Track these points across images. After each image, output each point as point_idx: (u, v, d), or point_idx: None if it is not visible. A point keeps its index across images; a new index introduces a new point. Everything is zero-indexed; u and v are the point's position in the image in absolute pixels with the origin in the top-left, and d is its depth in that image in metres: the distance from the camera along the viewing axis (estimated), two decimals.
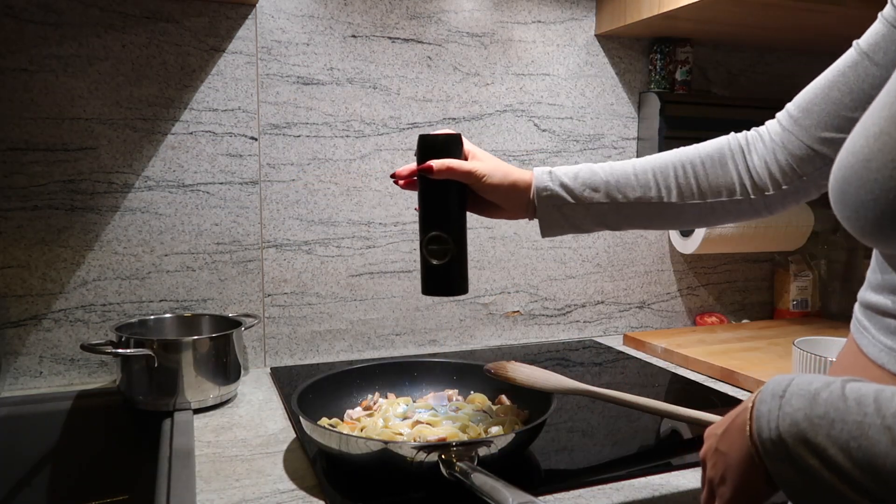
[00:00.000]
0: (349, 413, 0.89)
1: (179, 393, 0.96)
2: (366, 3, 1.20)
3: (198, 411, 0.98)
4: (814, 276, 1.56)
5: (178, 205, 1.12)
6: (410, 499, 0.72)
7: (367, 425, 0.83)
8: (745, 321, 1.56)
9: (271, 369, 1.18)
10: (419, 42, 1.24)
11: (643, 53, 1.41)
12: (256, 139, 1.16)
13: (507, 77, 1.31)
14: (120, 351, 0.95)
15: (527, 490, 0.59)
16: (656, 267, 1.49)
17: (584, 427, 0.94)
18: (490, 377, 0.88)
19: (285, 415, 0.97)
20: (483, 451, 0.70)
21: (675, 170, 0.75)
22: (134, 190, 1.10)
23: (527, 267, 1.38)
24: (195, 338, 0.98)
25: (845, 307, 1.57)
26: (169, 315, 1.11)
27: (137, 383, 0.97)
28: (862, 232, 0.49)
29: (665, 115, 1.36)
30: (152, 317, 1.10)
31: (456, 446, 0.69)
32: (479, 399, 0.92)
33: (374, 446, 0.71)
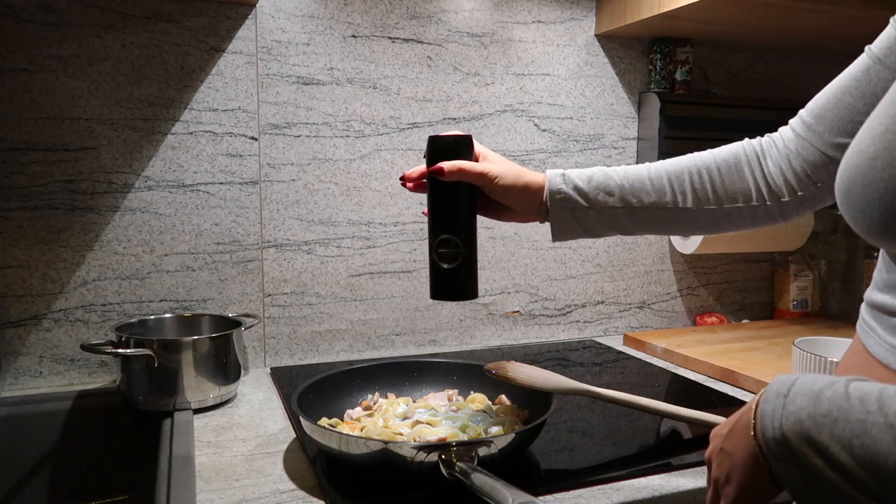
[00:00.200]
0: (349, 413, 0.89)
1: (179, 393, 0.96)
2: (366, 3, 1.20)
3: (198, 411, 0.98)
4: (814, 276, 1.56)
5: (178, 205, 1.12)
6: (410, 499, 0.72)
7: (367, 425, 0.83)
8: (745, 321, 1.56)
9: (271, 369, 1.18)
10: (419, 42, 1.24)
11: (643, 53, 1.41)
12: (256, 139, 1.16)
13: (507, 77, 1.31)
14: (120, 351, 0.95)
15: (527, 490, 0.59)
16: (656, 267, 1.49)
17: (584, 427, 0.94)
18: (490, 377, 0.88)
19: (285, 415, 0.97)
20: (483, 451, 0.70)
21: (691, 175, 0.74)
22: (134, 190, 1.10)
23: (527, 267, 1.38)
24: (195, 338, 0.98)
25: (845, 307, 1.57)
26: (169, 315, 1.11)
27: (137, 383, 0.97)
28: (868, 231, 0.49)
29: (665, 115, 1.36)
30: (152, 317, 1.10)
31: (456, 446, 0.69)
32: (479, 399, 0.92)
33: (374, 446, 0.71)
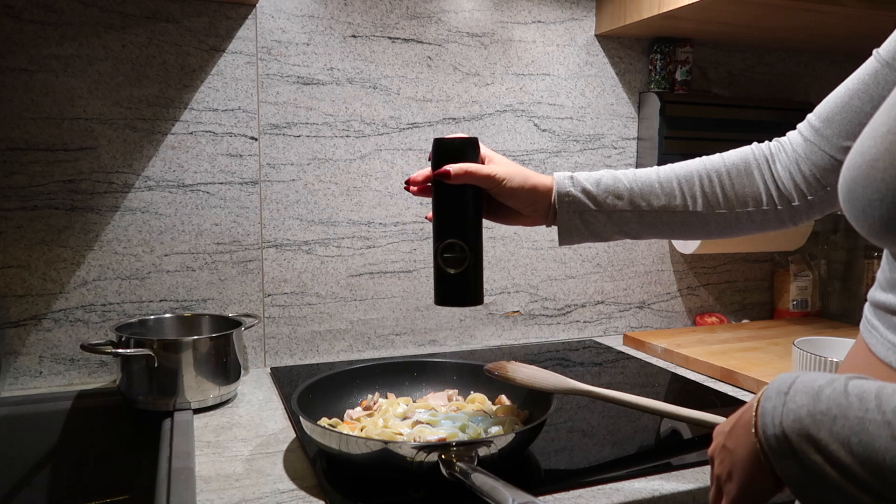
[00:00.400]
0: (349, 413, 0.89)
1: (179, 393, 0.96)
2: (366, 3, 1.20)
3: (198, 411, 0.98)
4: (814, 276, 1.56)
5: (178, 205, 1.12)
6: (410, 499, 0.72)
7: (367, 425, 0.83)
8: (745, 321, 1.56)
9: (271, 369, 1.18)
10: (419, 42, 1.24)
11: (643, 53, 1.41)
12: (256, 139, 1.16)
13: (507, 77, 1.31)
14: (120, 351, 0.95)
15: (527, 490, 0.59)
16: (656, 267, 1.49)
17: (584, 427, 0.94)
18: (490, 377, 0.88)
19: (285, 415, 0.97)
20: (483, 451, 0.70)
21: (701, 178, 0.74)
22: (134, 190, 1.10)
23: (527, 267, 1.38)
24: (195, 338, 0.98)
25: (845, 307, 1.57)
26: (169, 315, 1.11)
27: (137, 383, 0.97)
28: (870, 231, 0.49)
29: (665, 115, 1.36)
30: (152, 317, 1.10)
31: (456, 446, 0.69)
32: (479, 399, 0.92)
33: (374, 446, 0.71)
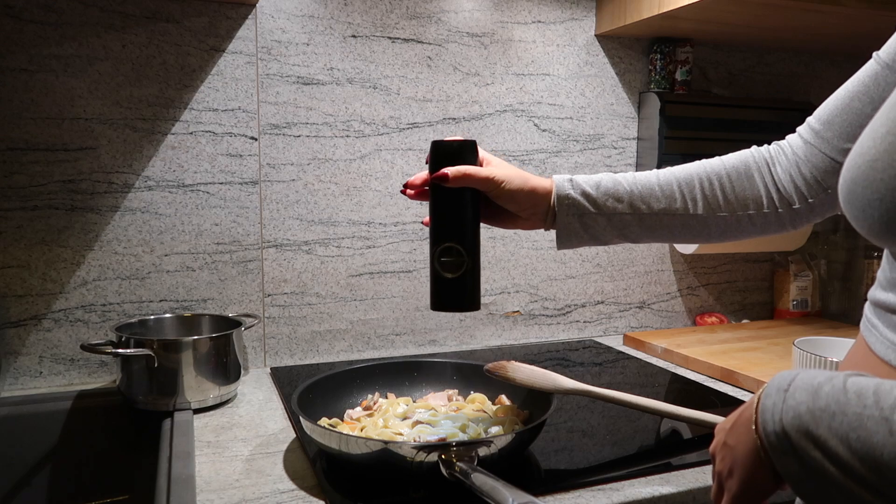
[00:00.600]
0: (349, 413, 0.89)
1: (179, 393, 0.96)
2: (366, 3, 1.20)
3: (198, 411, 0.98)
4: (814, 276, 1.56)
5: (178, 205, 1.12)
6: (410, 499, 0.72)
7: (367, 425, 0.83)
8: (745, 321, 1.56)
9: (271, 369, 1.18)
10: (419, 42, 1.24)
11: (643, 53, 1.41)
12: (256, 139, 1.16)
13: (507, 77, 1.31)
14: (120, 351, 0.95)
15: (527, 490, 0.59)
16: (656, 267, 1.49)
17: (584, 427, 0.94)
18: (490, 377, 0.88)
19: (285, 415, 0.97)
20: (483, 451, 0.70)
21: (701, 181, 0.74)
22: (134, 190, 1.10)
23: (527, 267, 1.38)
24: (195, 338, 0.98)
25: (845, 307, 1.57)
26: (169, 315, 1.11)
27: (137, 383, 0.97)
28: (869, 231, 0.50)
29: (665, 115, 1.36)
30: (152, 317, 1.10)
31: (456, 446, 0.69)
32: (479, 399, 0.92)
33: (374, 446, 0.71)
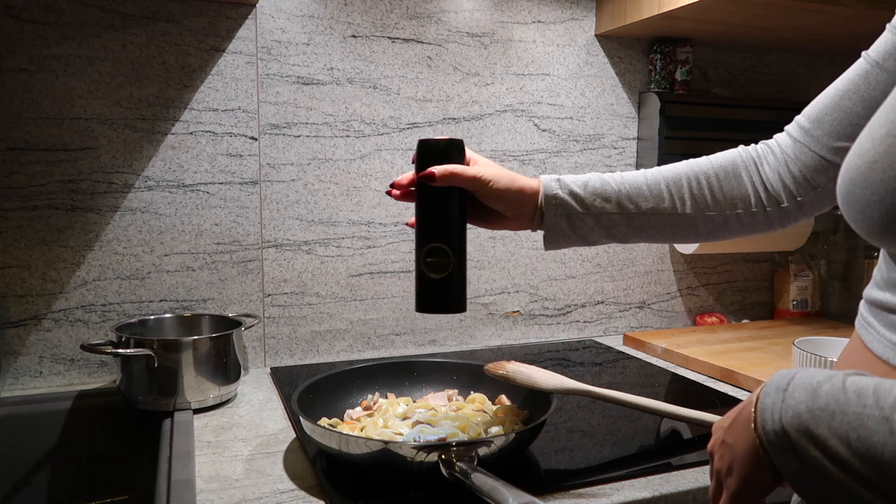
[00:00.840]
0: (349, 413, 0.89)
1: (179, 393, 0.96)
2: (366, 3, 1.20)
3: (198, 411, 0.98)
4: (814, 276, 1.56)
5: (178, 205, 1.12)
6: (410, 499, 0.72)
7: (367, 425, 0.83)
8: (745, 321, 1.56)
9: (271, 369, 1.18)
10: (419, 42, 1.24)
11: (643, 53, 1.41)
12: (256, 139, 1.16)
13: (507, 77, 1.31)
14: (120, 351, 0.95)
15: (527, 490, 0.59)
16: (656, 267, 1.49)
17: (584, 427, 0.94)
18: (490, 377, 0.88)
19: (285, 415, 0.97)
20: (483, 451, 0.70)
21: (689, 181, 0.74)
22: (134, 190, 1.10)
23: (527, 267, 1.38)
24: (195, 338, 0.98)
25: (845, 307, 1.57)
26: (169, 315, 1.11)
27: (137, 383, 0.97)
28: (868, 232, 0.50)
29: (665, 115, 1.36)
30: (152, 317, 1.10)
31: (456, 446, 0.69)
32: (479, 399, 0.92)
33: (374, 446, 0.71)
